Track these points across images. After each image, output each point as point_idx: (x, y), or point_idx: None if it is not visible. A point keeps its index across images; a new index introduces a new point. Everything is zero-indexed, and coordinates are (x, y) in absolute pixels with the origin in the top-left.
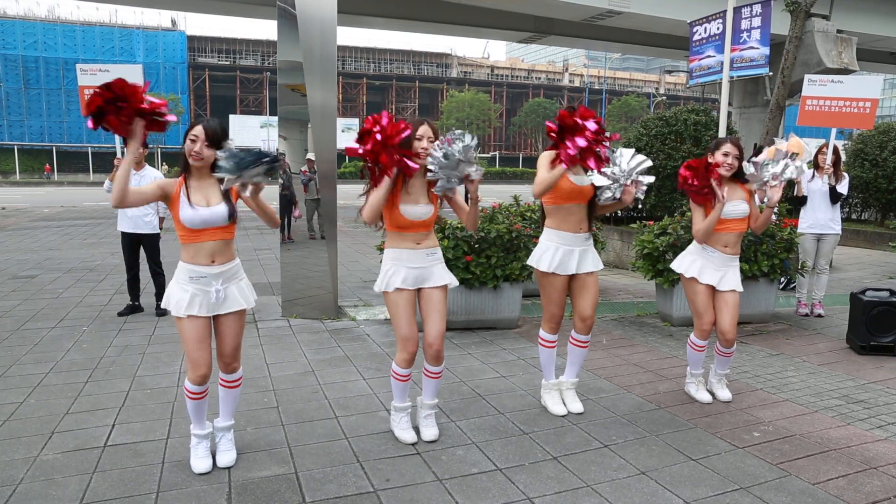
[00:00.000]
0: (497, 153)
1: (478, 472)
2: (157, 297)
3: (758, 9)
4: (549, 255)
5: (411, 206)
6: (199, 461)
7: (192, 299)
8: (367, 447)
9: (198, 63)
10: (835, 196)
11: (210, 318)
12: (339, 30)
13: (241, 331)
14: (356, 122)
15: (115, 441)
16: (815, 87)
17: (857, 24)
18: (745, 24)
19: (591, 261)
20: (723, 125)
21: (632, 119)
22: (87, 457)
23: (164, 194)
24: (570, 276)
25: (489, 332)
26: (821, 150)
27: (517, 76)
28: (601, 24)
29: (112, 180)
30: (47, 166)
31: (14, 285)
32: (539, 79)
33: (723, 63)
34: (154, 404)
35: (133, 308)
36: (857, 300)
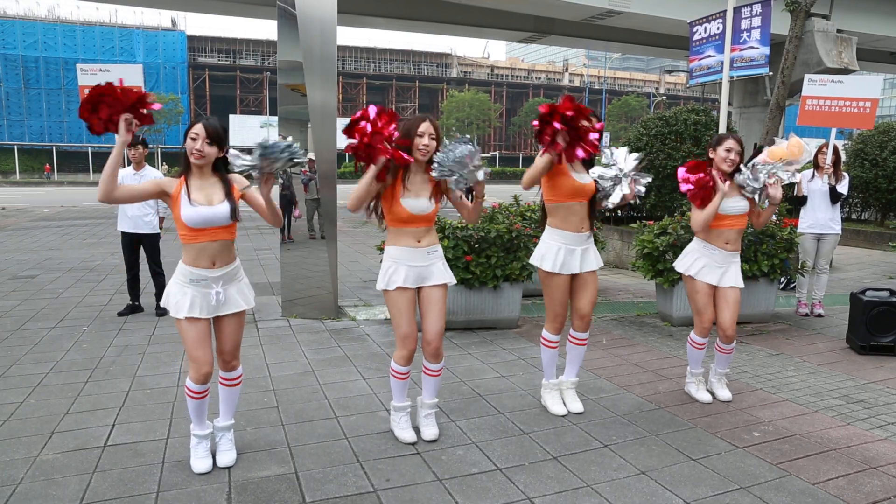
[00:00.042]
0: (497, 153)
1: (478, 472)
2: (157, 297)
3: (758, 9)
4: (552, 254)
5: (413, 199)
6: (199, 461)
7: (192, 302)
8: (367, 447)
9: (198, 63)
10: (835, 196)
11: (210, 319)
12: (339, 30)
13: (240, 330)
14: None
15: (115, 441)
16: (815, 86)
17: (857, 24)
18: (745, 24)
19: (593, 259)
20: (723, 125)
21: (632, 119)
22: (87, 457)
23: (163, 192)
24: (572, 275)
25: (489, 332)
26: (821, 150)
27: (517, 76)
28: (601, 24)
29: (108, 159)
30: (47, 166)
31: (14, 285)
32: (539, 79)
33: (723, 63)
34: (154, 404)
35: (133, 308)
36: (857, 300)
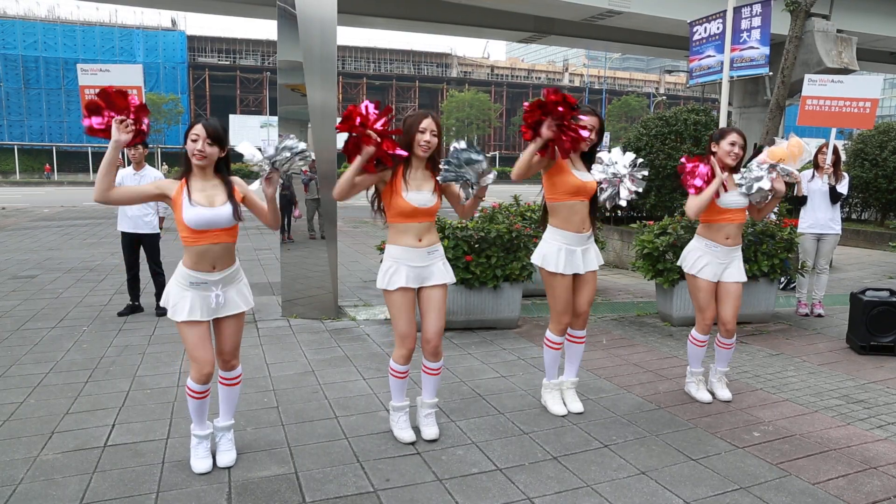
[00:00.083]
0: (497, 153)
1: (478, 472)
2: (157, 297)
3: (758, 9)
4: (554, 255)
5: (415, 193)
6: (200, 461)
7: (191, 305)
8: (367, 447)
9: (198, 63)
10: (835, 196)
11: (209, 320)
12: (339, 30)
13: (240, 331)
14: None
15: (115, 441)
16: (816, 86)
17: (857, 24)
18: (745, 24)
19: (594, 259)
20: (723, 125)
21: (632, 119)
22: (87, 457)
23: (163, 195)
24: (575, 274)
25: (489, 332)
26: (821, 150)
27: (517, 76)
28: (601, 24)
29: (102, 161)
30: (47, 166)
31: (14, 285)
32: (539, 79)
33: (723, 63)
34: (154, 404)
35: (133, 308)
36: (857, 300)
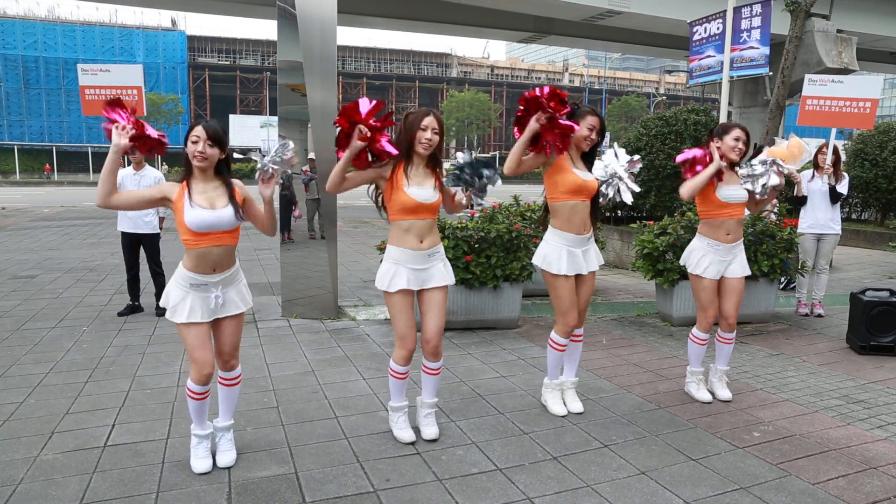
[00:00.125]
0: (497, 153)
1: (478, 472)
2: (157, 297)
3: (758, 9)
4: (556, 257)
5: (417, 188)
6: (199, 461)
7: (191, 307)
8: (367, 447)
9: (198, 63)
10: (835, 196)
11: (209, 321)
12: (339, 30)
13: (239, 331)
14: None
15: (115, 441)
16: (816, 86)
17: (857, 24)
18: (745, 24)
19: (594, 259)
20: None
21: (632, 119)
22: (87, 457)
23: (164, 198)
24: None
25: (489, 332)
26: (821, 150)
27: (517, 76)
28: (601, 24)
29: (104, 167)
30: (47, 166)
31: (14, 285)
32: (539, 79)
33: (723, 63)
34: (154, 404)
35: (133, 308)
36: (857, 300)
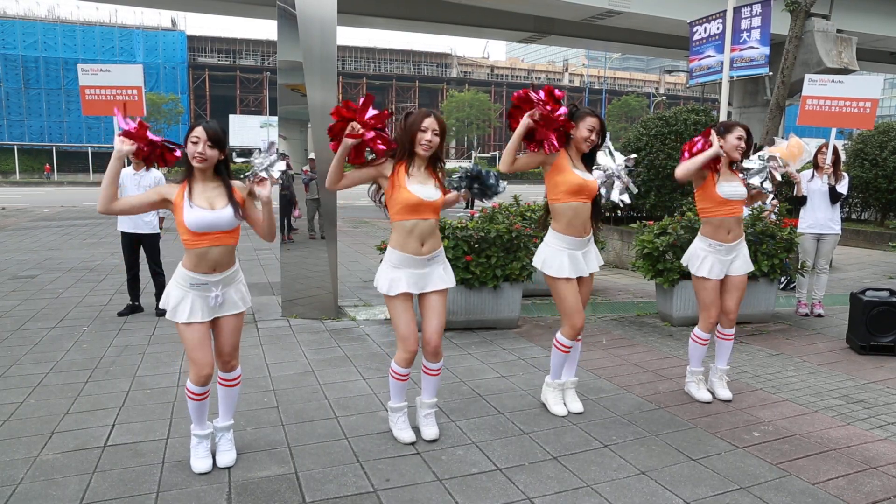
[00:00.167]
0: (497, 153)
1: (478, 472)
2: (157, 297)
3: (758, 9)
4: (558, 259)
5: (419, 185)
6: (199, 461)
7: (191, 307)
8: (367, 447)
9: (198, 63)
10: (834, 196)
11: (209, 321)
12: (339, 30)
13: (239, 331)
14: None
15: (115, 441)
16: (816, 86)
17: (857, 24)
18: (745, 24)
19: (594, 260)
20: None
21: (632, 119)
22: (87, 457)
23: (164, 200)
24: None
25: (489, 332)
26: (821, 150)
27: (517, 76)
28: (601, 24)
29: (105, 173)
30: (47, 166)
31: (14, 285)
32: (539, 79)
33: (723, 63)
34: (154, 404)
35: (133, 308)
36: (857, 300)
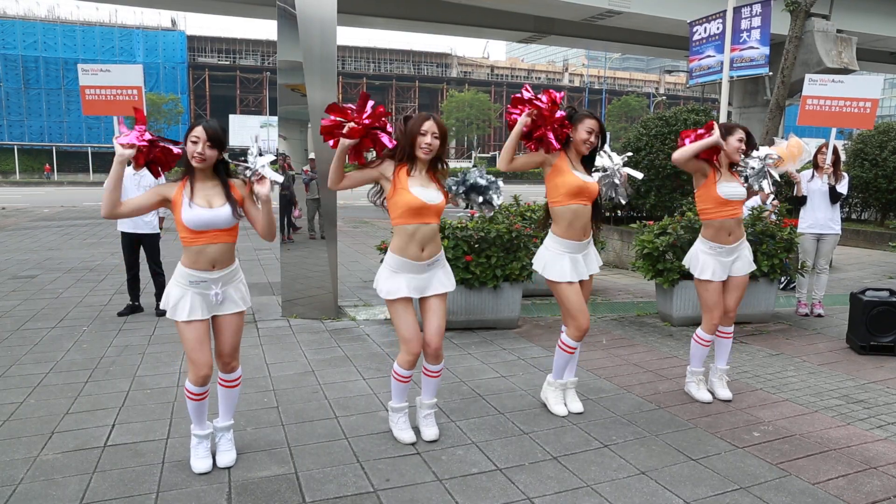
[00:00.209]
0: (497, 153)
1: (478, 472)
2: (157, 297)
3: (758, 9)
4: (559, 263)
5: (421, 188)
6: (199, 461)
7: (191, 304)
8: (367, 447)
9: (198, 63)
10: (834, 196)
11: (209, 319)
12: (339, 30)
13: (239, 331)
14: None
15: (115, 441)
16: (816, 86)
17: (857, 24)
18: (745, 24)
19: (594, 260)
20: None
21: (632, 119)
22: (87, 457)
23: (164, 199)
24: None
25: (489, 332)
26: (820, 150)
27: (517, 76)
28: (601, 24)
29: (108, 178)
30: (47, 166)
31: (14, 285)
32: (539, 79)
33: (723, 63)
34: (154, 404)
35: (133, 308)
36: (857, 300)
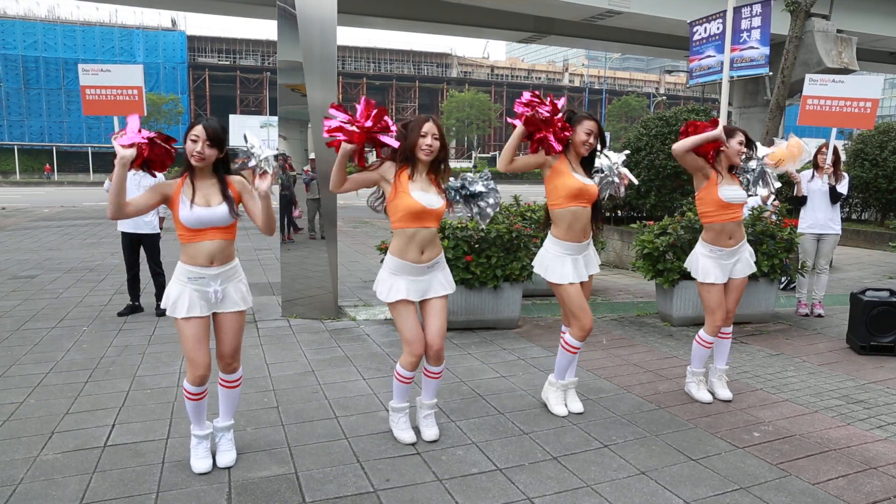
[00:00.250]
0: (497, 153)
1: (478, 472)
2: (157, 297)
3: (758, 9)
4: (560, 265)
5: (421, 192)
6: (199, 461)
7: (190, 301)
8: (367, 447)
9: (198, 63)
10: (835, 196)
11: (209, 317)
12: (339, 30)
13: (240, 331)
14: None
15: (115, 441)
16: (816, 86)
17: (857, 24)
18: (745, 24)
19: (594, 262)
20: (719, 126)
21: (632, 119)
22: (87, 457)
23: (164, 197)
24: None
25: (489, 332)
26: (821, 150)
27: (517, 76)
28: (601, 24)
29: (112, 181)
30: (47, 166)
31: (14, 285)
32: (539, 79)
33: (723, 63)
34: (154, 404)
35: (133, 308)
36: (857, 300)
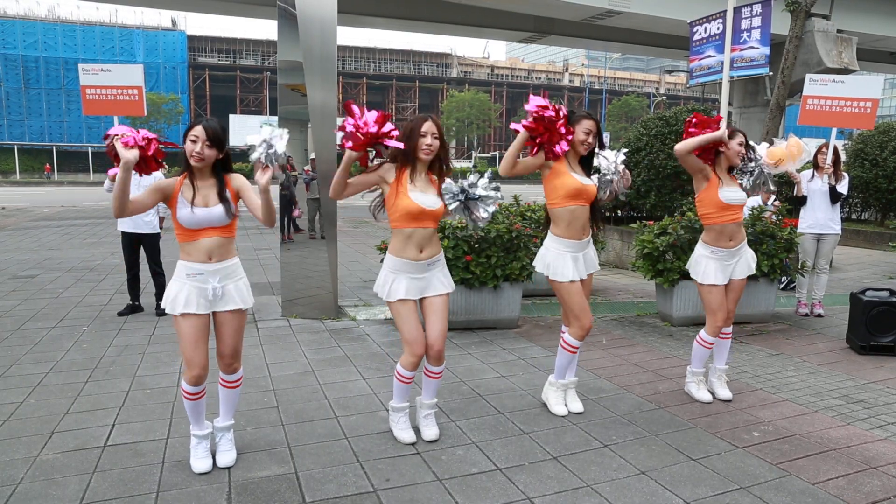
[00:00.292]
0: (497, 153)
1: (478, 472)
2: (157, 297)
3: (758, 9)
4: (561, 263)
5: (421, 193)
6: (199, 461)
7: (187, 297)
8: (367, 447)
9: (198, 63)
10: (835, 196)
11: (208, 315)
12: (339, 30)
13: (240, 330)
14: None
15: (115, 441)
16: (817, 86)
17: (857, 24)
18: (745, 24)
19: (593, 259)
20: (722, 125)
21: (632, 119)
22: (87, 457)
23: (164, 196)
24: None
25: (489, 332)
26: (821, 150)
27: (517, 76)
28: (601, 24)
29: (112, 180)
30: (47, 166)
31: (14, 285)
32: (539, 79)
33: (723, 63)
34: (154, 404)
35: (133, 308)
36: (857, 300)
